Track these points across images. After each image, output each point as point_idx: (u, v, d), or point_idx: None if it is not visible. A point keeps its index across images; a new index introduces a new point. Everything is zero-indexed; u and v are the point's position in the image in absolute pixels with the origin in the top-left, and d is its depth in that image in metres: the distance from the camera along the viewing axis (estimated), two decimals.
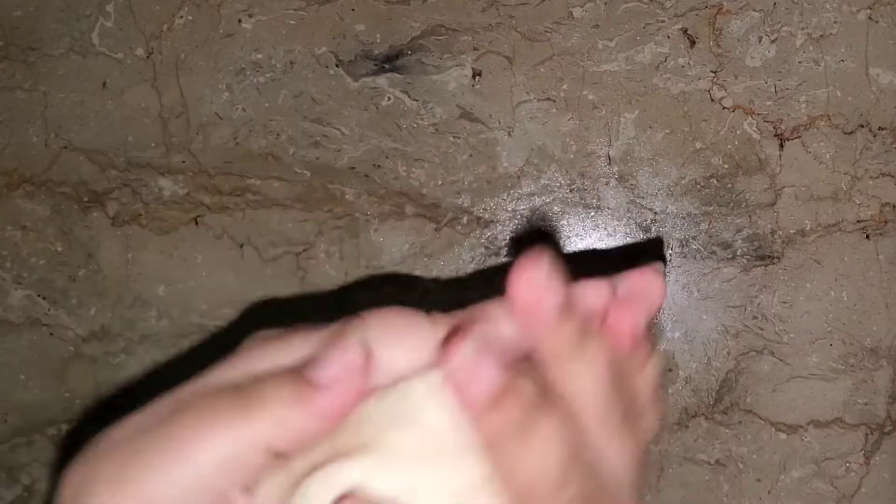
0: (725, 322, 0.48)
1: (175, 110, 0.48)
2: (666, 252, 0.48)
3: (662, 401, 0.22)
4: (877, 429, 0.48)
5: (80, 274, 0.49)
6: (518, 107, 0.48)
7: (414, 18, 0.48)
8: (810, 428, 0.48)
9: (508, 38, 0.48)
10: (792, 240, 0.48)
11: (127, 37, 0.48)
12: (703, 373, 0.48)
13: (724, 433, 0.48)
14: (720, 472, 0.48)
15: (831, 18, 0.47)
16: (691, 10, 0.47)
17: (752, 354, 0.48)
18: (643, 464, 0.22)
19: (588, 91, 0.48)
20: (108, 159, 0.49)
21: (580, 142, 0.48)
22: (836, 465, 0.48)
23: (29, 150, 0.48)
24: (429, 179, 0.48)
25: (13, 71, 0.48)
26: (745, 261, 0.48)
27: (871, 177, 0.48)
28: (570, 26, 0.47)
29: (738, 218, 0.48)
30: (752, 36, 0.47)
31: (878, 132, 0.47)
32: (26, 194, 0.49)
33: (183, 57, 0.48)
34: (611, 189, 0.48)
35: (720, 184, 0.48)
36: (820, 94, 0.47)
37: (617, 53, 0.48)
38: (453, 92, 0.48)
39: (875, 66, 0.47)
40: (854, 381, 0.48)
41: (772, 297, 0.48)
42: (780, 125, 0.48)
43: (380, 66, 0.48)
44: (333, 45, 0.48)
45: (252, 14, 0.48)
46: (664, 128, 0.48)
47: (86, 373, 0.49)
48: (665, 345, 0.48)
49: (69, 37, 0.48)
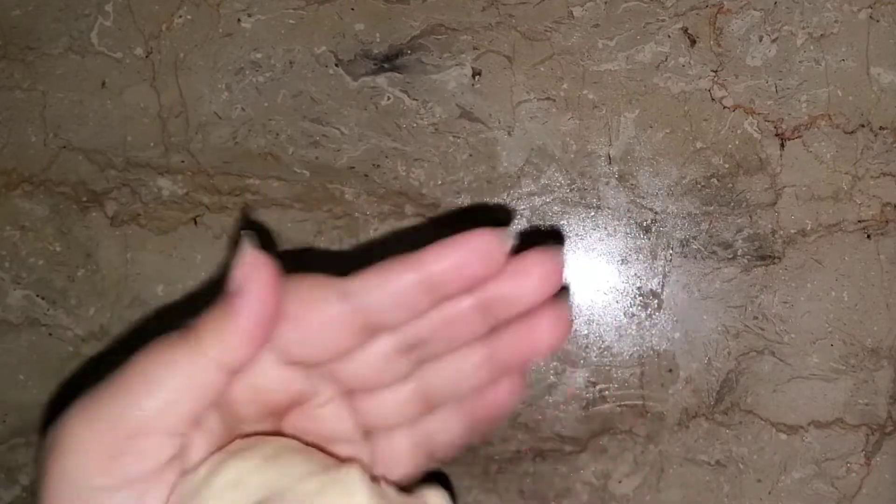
0: (726, 322, 0.48)
1: (174, 110, 0.48)
2: (667, 252, 0.48)
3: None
4: (878, 429, 0.48)
5: (79, 274, 0.49)
6: (518, 106, 0.48)
7: (414, 18, 0.47)
8: (811, 428, 0.48)
9: (508, 38, 0.47)
10: (793, 240, 0.48)
11: (126, 36, 0.48)
12: (703, 373, 0.48)
13: (724, 434, 0.48)
14: (720, 472, 0.48)
15: (832, 18, 0.47)
16: (692, 9, 0.47)
17: (752, 355, 0.48)
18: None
19: (588, 91, 0.48)
20: (106, 159, 0.48)
21: (580, 141, 0.48)
22: (836, 466, 0.48)
23: (27, 150, 0.48)
24: (428, 179, 0.48)
25: (11, 70, 0.48)
26: (746, 261, 0.48)
27: (872, 176, 0.48)
28: (570, 26, 0.47)
29: (738, 218, 0.48)
30: (752, 35, 0.47)
31: (879, 132, 0.47)
32: (25, 194, 0.49)
33: (182, 56, 0.48)
34: (611, 189, 0.48)
35: (721, 183, 0.48)
36: (821, 94, 0.47)
37: (617, 53, 0.47)
38: (453, 91, 0.48)
39: (876, 66, 0.47)
40: (855, 382, 0.48)
41: (772, 298, 0.48)
42: (781, 125, 0.48)
43: (379, 65, 0.48)
44: (333, 45, 0.48)
45: (251, 13, 0.48)
46: (664, 127, 0.48)
47: (85, 373, 0.49)
48: (665, 345, 0.48)
49: (68, 36, 0.48)
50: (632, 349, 0.48)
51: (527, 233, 0.48)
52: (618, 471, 0.49)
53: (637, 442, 0.48)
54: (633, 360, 0.48)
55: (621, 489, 0.49)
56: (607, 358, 0.48)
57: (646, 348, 0.48)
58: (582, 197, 0.48)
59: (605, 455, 0.49)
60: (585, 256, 0.48)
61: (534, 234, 0.48)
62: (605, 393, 0.48)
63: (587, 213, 0.48)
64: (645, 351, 0.48)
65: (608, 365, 0.48)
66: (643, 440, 0.48)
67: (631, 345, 0.48)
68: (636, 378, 0.48)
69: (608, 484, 0.49)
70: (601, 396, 0.48)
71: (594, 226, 0.48)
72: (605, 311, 0.48)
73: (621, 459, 0.49)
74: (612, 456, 0.49)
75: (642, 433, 0.48)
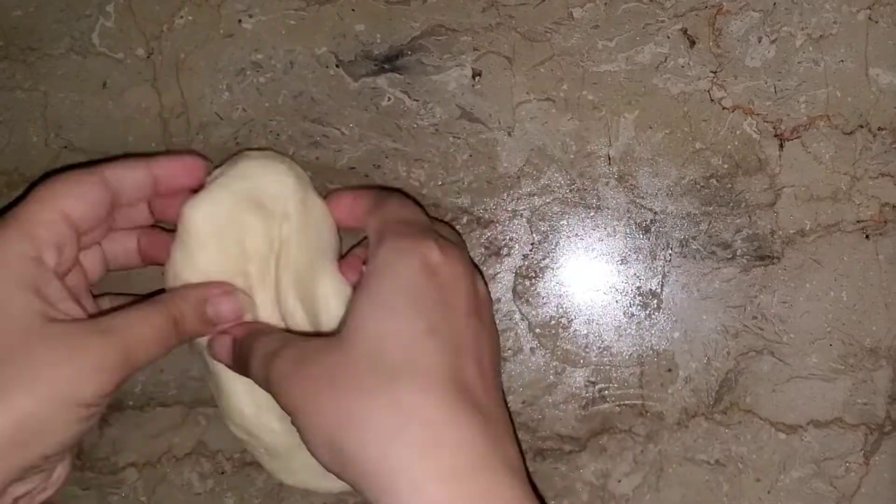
0: (725, 322, 0.48)
1: (175, 110, 0.48)
2: (666, 252, 0.48)
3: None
4: (876, 429, 0.48)
5: None
6: (518, 107, 0.48)
7: (414, 18, 0.48)
8: (810, 428, 0.48)
9: (508, 39, 0.48)
10: (792, 240, 0.48)
11: (127, 37, 0.48)
12: (702, 373, 0.48)
13: (723, 433, 0.48)
14: (720, 472, 0.48)
15: (831, 19, 0.47)
16: (691, 10, 0.47)
17: (751, 354, 0.48)
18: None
19: (588, 91, 0.48)
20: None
21: (580, 142, 0.48)
22: (835, 465, 0.48)
23: (29, 150, 0.48)
24: (429, 179, 0.48)
25: (13, 71, 0.48)
26: (745, 261, 0.48)
27: (871, 177, 0.48)
28: (569, 26, 0.48)
29: (737, 218, 0.48)
30: (751, 36, 0.48)
31: (877, 132, 0.48)
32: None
33: (183, 57, 0.48)
34: (611, 189, 0.48)
35: (720, 184, 0.48)
36: (819, 95, 0.48)
37: (617, 54, 0.48)
38: (453, 92, 0.48)
39: (875, 67, 0.47)
40: (854, 382, 0.48)
41: (771, 298, 0.48)
42: (780, 125, 0.48)
43: (380, 66, 0.48)
44: (333, 46, 0.48)
45: (252, 14, 0.48)
46: (664, 128, 0.48)
47: None
48: (665, 345, 0.49)
49: (69, 37, 0.48)
50: (631, 349, 0.49)
51: (527, 233, 0.48)
52: (617, 470, 0.49)
53: (636, 441, 0.49)
54: (633, 360, 0.48)
55: (621, 488, 0.49)
56: (606, 357, 0.49)
57: (645, 348, 0.48)
58: (581, 197, 0.48)
59: (604, 454, 0.49)
60: (585, 256, 0.48)
61: (534, 234, 0.49)
62: (605, 392, 0.49)
63: (587, 214, 0.48)
64: (644, 351, 0.48)
65: (607, 364, 0.49)
66: (643, 440, 0.49)
67: (630, 344, 0.49)
68: (636, 378, 0.48)
69: (608, 483, 0.49)
70: (601, 396, 0.49)
71: (594, 226, 0.48)
72: (605, 311, 0.49)
73: (621, 459, 0.49)
74: (611, 455, 0.49)
75: (642, 433, 0.49)
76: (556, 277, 0.49)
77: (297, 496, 0.49)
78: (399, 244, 0.35)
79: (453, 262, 0.35)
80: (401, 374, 0.30)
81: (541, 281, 0.49)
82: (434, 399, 0.30)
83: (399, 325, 0.32)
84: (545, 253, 0.49)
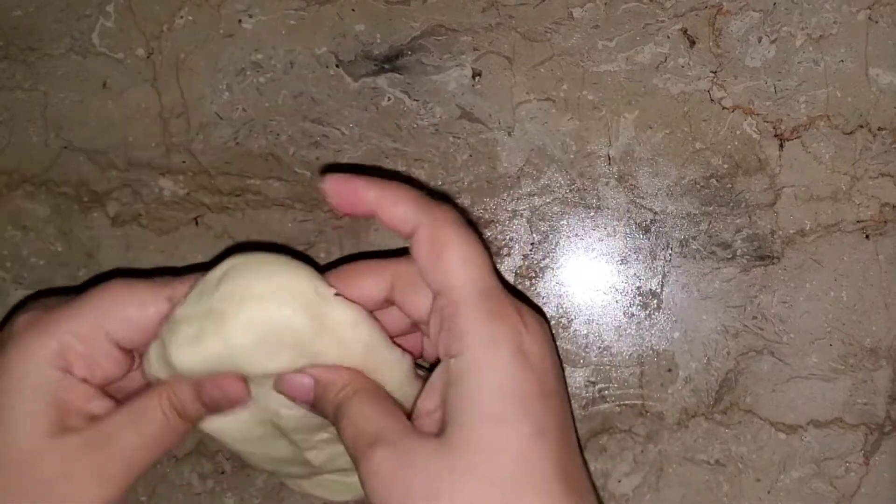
0: (725, 322, 0.48)
1: (175, 110, 0.48)
2: (666, 252, 0.48)
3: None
4: (876, 429, 0.48)
5: (81, 274, 0.49)
6: (518, 107, 0.48)
7: (414, 18, 0.48)
8: (810, 428, 0.48)
9: (508, 39, 0.48)
10: (791, 240, 0.48)
11: (127, 37, 0.48)
12: (702, 373, 0.48)
13: (723, 433, 0.48)
14: (720, 471, 0.48)
15: (831, 19, 0.47)
16: (691, 10, 0.47)
17: (751, 354, 0.48)
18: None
19: (588, 91, 0.48)
20: (108, 159, 0.49)
21: (580, 142, 0.48)
22: (835, 465, 0.48)
23: (29, 150, 0.48)
24: (429, 179, 0.48)
25: (13, 71, 0.48)
26: (745, 261, 0.48)
27: (871, 177, 0.48)
28: (569, 26, 0.48)
29: (737, 218, 0.48)
30: (751, 36, 0.48)
31: (877, 132, 0.48)
32: (26, 194, 0.49)
33: (183, 57, 0.48)
34: (611, 189, 0.48)
35: (720, 184, 0.48)
36: (819, 95, 0.47)
37: (617, 54, 0.48)
38: (453, 92, 0.48)
39: (875, 67, 0.47)
40: (854, 382, 0.48)
41: (771, 298, 0.48)
42: (780, 125, 0.48)
43: (380, 66, 0.48)
44: (333, 45, 0.48)
45: (252, 14, 0.48)
46: (664, 128, 0.48)
47: None
48: (665, 345, 0.49)
49: (69, 37, 0.48)
50: (631, 349, 0.49)
51: (527, 233, 0.48)
52: (617, 470, 0.49)
53: (636, 441, 0.49)
54: (633, 360, 0.49)
55: (621, 488, 0.49)
56: (606, 357, 0.49)
57: (645, 348, 0.48)
58: (581, 197, 0.48)
59: (604, 454, 0.49)
60: (585, 256, 0.48)
61: (534, 234, 0.49)
62: (605, 392, 0.49)
63: (587, 214, 0.48)
64: (644, 351, 0.48)
65: (607, 364, 0.49)
66: (643, 440, 0.49)
67: (630, 344, 0.49)
68: (635, 378, 0.48)
69: (608, 483, 0.49)
70: (600, 396, 0.49)
71: (594, 226, 0.48)
72: (605, 311, 0.49)
73: (621, 459, 0.49)
74: (611, 455, 0.49)
75: (642, 433, 0.49)
76: (556, 277, 0.49)
77: (297, 496, 0.49)
78: (490, 330, 0.32)
79: (539, 339, 0.33)
80: (521, 487, 0.30)
81: (541, 281, 0.49)
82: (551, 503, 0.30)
83: (508, 432, 0.31)
84: (545, 253, 0.49)
